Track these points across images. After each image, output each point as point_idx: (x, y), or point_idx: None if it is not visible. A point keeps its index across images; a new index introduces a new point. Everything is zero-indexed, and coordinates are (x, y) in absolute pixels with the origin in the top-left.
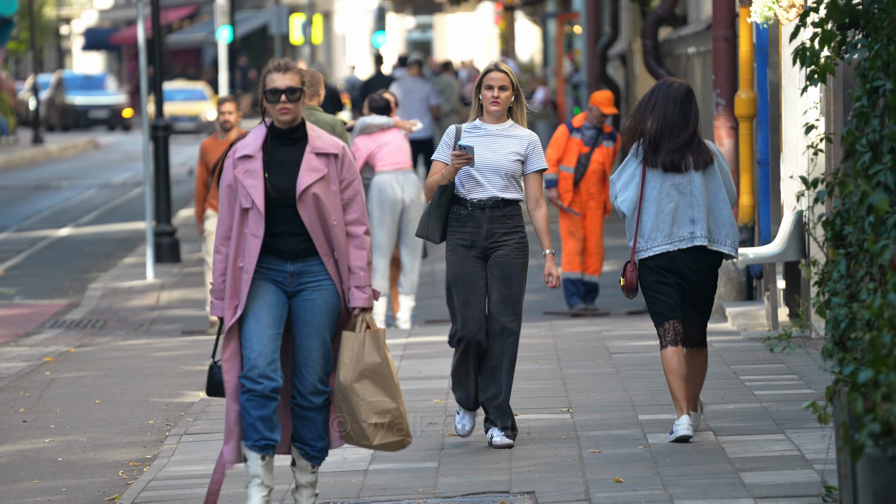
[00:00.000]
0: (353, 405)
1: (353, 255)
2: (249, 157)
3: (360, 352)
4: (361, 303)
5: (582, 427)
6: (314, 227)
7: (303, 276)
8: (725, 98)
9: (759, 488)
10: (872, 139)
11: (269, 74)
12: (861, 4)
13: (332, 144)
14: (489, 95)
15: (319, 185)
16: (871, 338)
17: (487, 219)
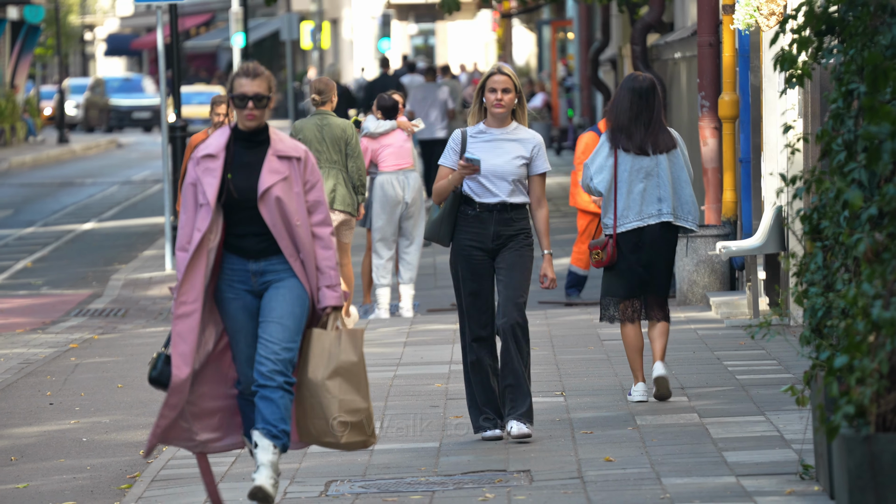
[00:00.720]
0: (322, 402)
1: (321, 256)
2: (212, 157)
3: (335, 349)
4: (333, 301)
5: (574, 409)
6: (277, 228)
7: (266, 274)
8: (710, 100)
9: (741, 467)
10: (847, 139)
11: (237, 78)
12: (837, 12)
13: (294, 148)
14: (493, 98)
15: (281, 187)
16: (846, 325)
17: (495, 221)
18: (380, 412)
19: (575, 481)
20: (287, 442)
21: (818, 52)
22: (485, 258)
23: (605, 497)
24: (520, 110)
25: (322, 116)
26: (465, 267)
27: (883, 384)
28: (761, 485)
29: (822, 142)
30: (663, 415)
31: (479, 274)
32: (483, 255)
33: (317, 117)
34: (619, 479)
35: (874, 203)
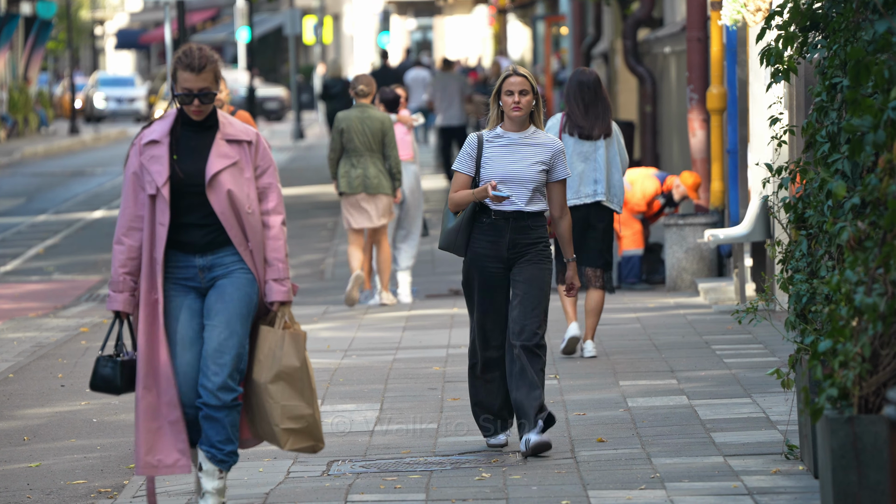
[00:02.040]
0: (265, 407)
1: (270, 246)
2: (156, 143)
3: (279, 351)
4: (280, 296)
5: (568, 391)
6: (226, 216)
7: (214, 268)
8: (698, 93)
9: (728, 447)
10: (831, 131)
11: (180, 71)
12: (821, 9)
13: (245, 131)
14: (510, 101)
15: (230, 172)
16: (829, 311)
17: (511, 229)
18: (380, 395)
19: (568, 461)
20: (234, 461)
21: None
22: (500, 269)
23: (597, 476)
24: (537, 114)
25: (363, 108)
26: (479, 278)
27: (865, 367)
28: (748, 464)
29: (807, 134)
30: (653, 397)
31: (493, 286)
32: (498, 266)
33: (358, 109)
34: (611, 459)
35: (857, 193)
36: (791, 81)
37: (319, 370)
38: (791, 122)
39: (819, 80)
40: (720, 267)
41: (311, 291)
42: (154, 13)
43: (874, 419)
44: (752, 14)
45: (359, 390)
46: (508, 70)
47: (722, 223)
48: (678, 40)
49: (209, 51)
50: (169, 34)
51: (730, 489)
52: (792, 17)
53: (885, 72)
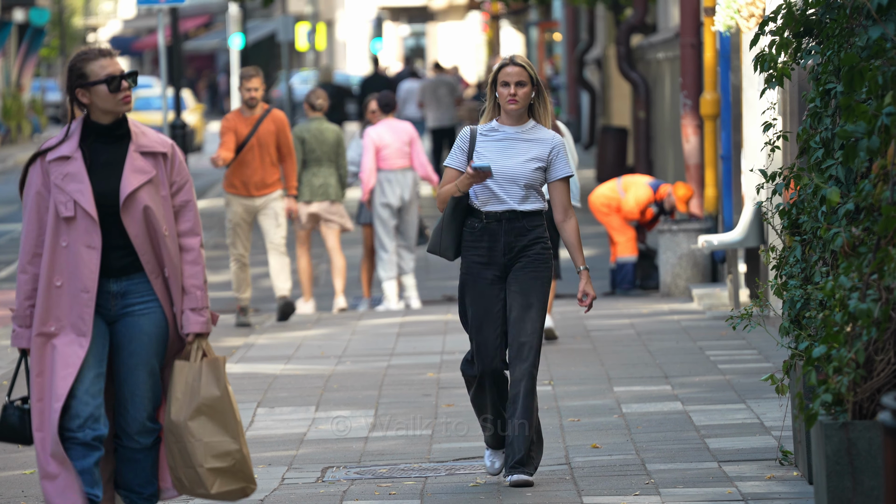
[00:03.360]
0: (187, 447)
1: (188, 272)
2: (66, 159)
3: (196, 384)
4: (197, 327)
5: (562, 398)
6: (140, 240)
7: (128, 296)
8: (692, 99)
9: (723, 453)
10: (825, 137)
11: (91, 62)
12: (815, 15)
13: (160, 142)
14: (506, 93)
15: (147, 190)
16: (823, 317)
17: (504, 232)
18: (374, 401)
19: (563, 467)
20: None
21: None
22: (496, 279)
23: (591, 483)
24: (540, 107)
25: (320, 121)
26: (474, 289)
27: (859, 373)
28: (742, 470)
29: (801, 139)
30: (648, 403)
31: (488, 297)
32: (494, 275)
33: (316, 122)
34: (606, 465)
35: (851, 199)
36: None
37: (313, 377)
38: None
39: (813, 85)
40: (714, 273)
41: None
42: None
43: (868, 425)
44: (746, 20)
45: (353, 396)
46: (505, 59)
47: (716, 229)
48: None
49: None
50: (162, 41)
51: (724, 495)
52: (785, 22)
53: (879, 77)
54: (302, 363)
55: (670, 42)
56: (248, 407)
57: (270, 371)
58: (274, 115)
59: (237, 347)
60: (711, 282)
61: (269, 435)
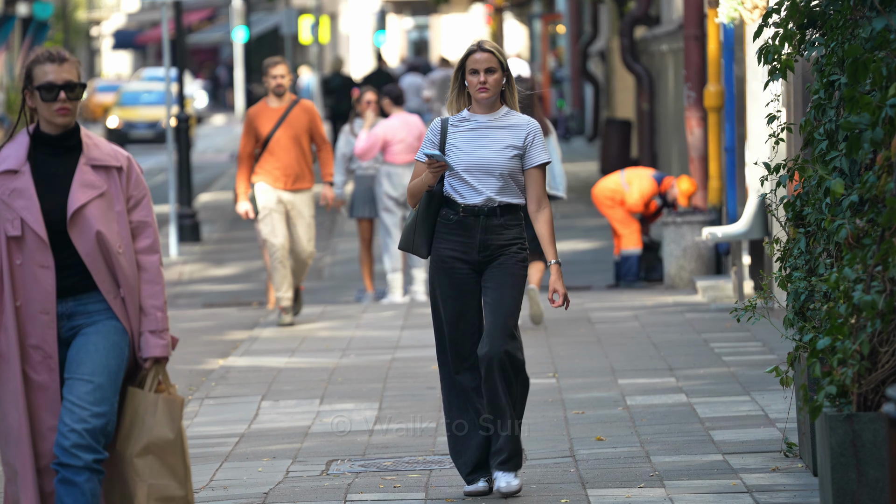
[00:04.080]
0: (130, 485)
1: (147, 292)
2: (13, 173)
3: (150, 419)
4: (157, 351)
5: (567, 390)
6: (92, 258)
7: (75, 317)
8: (696, 91)
9: (728, 445)
10: (829, 128)
11: (38, 65)
12: (818, 6)
13: (114, 155)
14: (475, 81)
15: (97, 205)
16: (828, 308)
17: (482, 228)
18: (378, 394)
19: (567, 460)
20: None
21: (800, 45)
22: (470, 272)
23: (596, 475)
24: (509, 93)
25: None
26: (446, 282)
27: (864, 365)
28: (747, 462)
29: (805, 131)
30: (652, 395)
31: (462, 291)
32: (468, 269)
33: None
34: (610, 458)
35: (855, 190)
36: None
37: (318, 370)
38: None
39: (817, 77)
40: (718, 265)
41: (310, 291)
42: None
43: (873, 416)
44: (750, 12)
45: (357, 389)
46: (472, 45)
47: (720, 221)
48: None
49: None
50: (166, 34)
51: (729, 487)
52: (789, 14)
53: (883, 69)
54: (306, 356)
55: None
56: (252, 400)
57: (275, 364)
58: (304, 105)
59: (241, 341)
60: (716, 274)
61: (274, 428)
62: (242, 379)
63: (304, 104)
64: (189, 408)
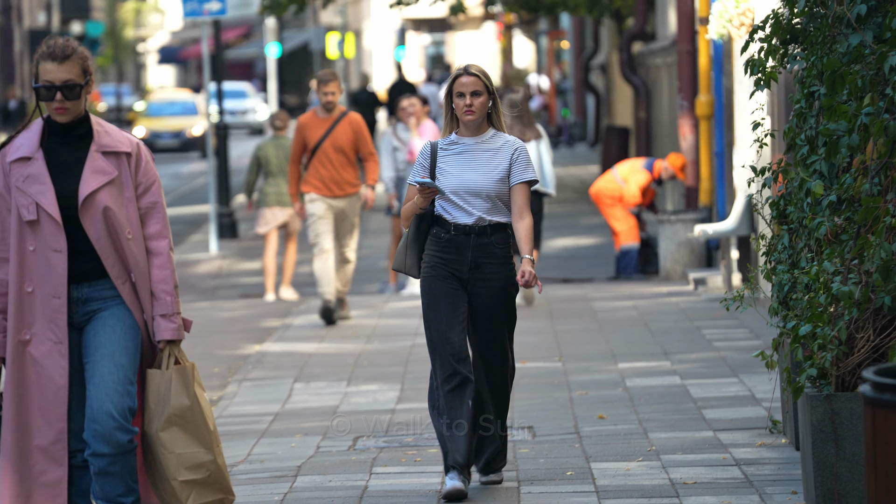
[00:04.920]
0: (160, 460)
1: (157, 277)
2: (27, 160)
3: (167, 393)
4: (169, 334)
5: (571, 373)
6: (102, 243)
7: (90, 302)
8: (688, 101)
9: (718, 422)
10: (810, 135)
11: (41, 62)
12: (800, 24)
13: (124, 141)
14: (461, 104)
15: (108, 191)
16: (809, 298)
17: (472, 246)
18: (400, 377)
19: (572, 436)
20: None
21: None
22: (459, 287)
23: (599, 450)
24: (495, 114)
25: (279, 139)
26: (440, 291)
27: (842, 350)
28: (735, 438)
29: (788, 137)
30: (649, 377)
31: (455, 298)
32: (457, 284)
33: (274, 139)
34: (611, 434)
35: (833, 191)
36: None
37: (345, 354)
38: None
39: (798, 88)
40: (709, 259)
41: None
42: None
43: (850, 396)
44: (737, 28)
45: (381, 372)
46: (459, 69)
47: (710, 219)
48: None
49: (77, 44)
50: (206, 49)
51: (719, 461)
52: (773, 31)
53: (859, 81)
54: (335, 342)
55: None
56: (286, 382)
57: (306, 350)
58: (350, 118)
59: (275, 328)
60: (707, 267)
61: (306, 408)
62: (276, 363)
63: (351, 117)
64: (228, 389)
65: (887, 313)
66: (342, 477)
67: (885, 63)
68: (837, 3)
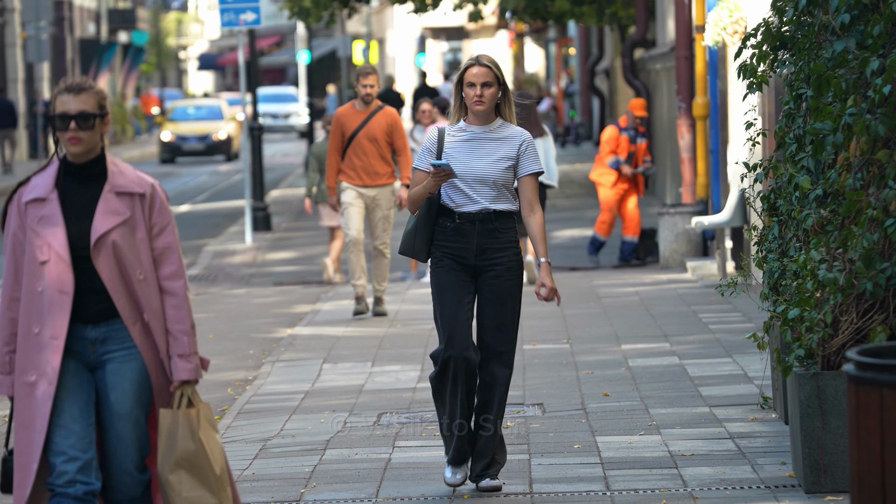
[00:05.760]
0: (170, 500)
1: (173, 317)
2: (42, 201)
3: (175, 435)
4: (185, 374)
5: (578, 354)
6: (114, 284)
7: (108, 342)
8: (685, 103)
9: (713, 399)
10: (798, 134)
11: (59, 96)
12: (789, 31)
13: (138, 182)
14: (472, 94)
15: (120, 232)
16: (797, 284)
17: (478, 233)
18: (420, 358)
19: (579, 412)
20: None
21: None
22: (466, 275)
23: (604, 425)
24: (505, 105)
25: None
26: (448, 277)
27: (827, 332)
28: (729, 413)
29: (778, 136)
30: (650, 358)
31: (462, 286)
32: (464, 272)
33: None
34: (615, 410)
35: (820, 185)
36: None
37: (370, 337)
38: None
39: (787, 91)
40: (705, 248)
41: None
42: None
43: (835, 375)
44: (731, 36)
45: (403, 354)
46: (471, 59)
47: (706, 211)
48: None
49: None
50: (242, 56)
51: (714, 434)
52: (764, 38)
53: (843, 84)
54: (360, 326)
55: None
56: (315, 363)
57: (334, 333)
58: (386, 112)
59: (306, 313)
60: (703, 256)
61: (333, 386)
62: (307, 345)
63: (387, 111)
64: (262, 369)
65: (869, 298)
66: (367, 450)
67: (867, 67)
68: (823, 12)
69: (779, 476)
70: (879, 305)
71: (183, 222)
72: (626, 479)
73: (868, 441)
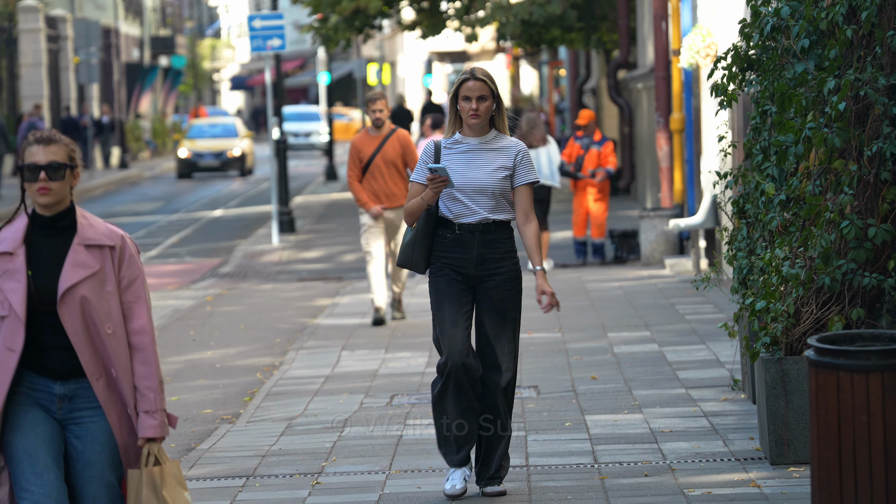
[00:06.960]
0: None
1: (140, 373)
2: (9, 255)
3: (138, 497)
4: (150, 432)
5: (569, 342)
6: (79, 339)
7: (75, 400)
8: (664, 118)
9: (689, 381)
10: (763, 145)
11: (28, 147)
12: (755, 55)
13: (108, 234)
14: (467, 108)
15: (88, 285)
16: (763, 279)
17: (478, 243)
18: (429, 346)
19: (570, 393)
20: None
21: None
22: (466, 285)
23: (592, 405)
24: (499, 118)
25: None
26: (447, 286)
27: (790, 321)
28: (703, 394)
29: (746, 147)
30: (633, 345)
31: (461, 295)
32: (463, 282)
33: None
34: (602, 392)
35: (783, 191)
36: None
37: (383, 328)
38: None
39: (754, 107)
40: (681, 247)
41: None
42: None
43: (797, 359)
44: (704, 59)
45: (412, 342)
46: (466, 73)
47: (682, 214)
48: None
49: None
50: (269, 78)
51: (690, 413)
52: (733, 60)
53: (803, 101)
54: None
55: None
56: (334, 350)
57: (351, 323)
58: (399, 135)
59: (326, 306)
60: (680, 254)
61: (351, 371)
62: (327, 334)
63: (399, 134)
64: (287, 356)
65: (827, 291)
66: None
67: (825, 87)
68: (785, 37)
69: (747, 450)
70: (836, 298)
71: (216, 226)
72: (611, 452)
73: (826, 418)
